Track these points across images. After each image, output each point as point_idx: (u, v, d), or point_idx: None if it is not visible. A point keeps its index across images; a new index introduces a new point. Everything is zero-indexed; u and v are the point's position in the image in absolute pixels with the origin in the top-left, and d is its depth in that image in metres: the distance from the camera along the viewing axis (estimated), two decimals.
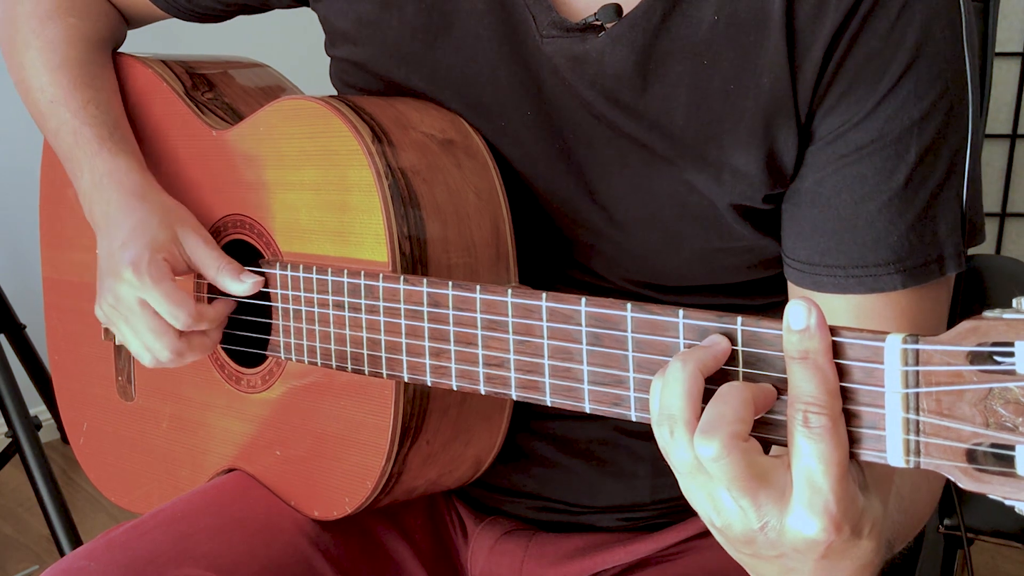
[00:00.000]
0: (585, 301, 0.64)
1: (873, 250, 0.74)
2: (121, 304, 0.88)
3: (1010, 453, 0.47)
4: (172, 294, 0.86)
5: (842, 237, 0.75)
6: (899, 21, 0.72)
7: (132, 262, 0.87)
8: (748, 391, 0.56)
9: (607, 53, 0.78)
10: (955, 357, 0.48)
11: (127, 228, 0.90)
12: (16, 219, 2.28)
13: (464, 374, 0.73)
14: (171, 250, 0.89)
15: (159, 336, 0.87)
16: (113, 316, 0.90)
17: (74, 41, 1.02)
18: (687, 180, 0.79)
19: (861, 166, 0.74)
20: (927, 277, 0.75)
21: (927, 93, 0.73)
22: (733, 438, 0.54)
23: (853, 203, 0.74)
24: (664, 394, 0.57)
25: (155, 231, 0.89)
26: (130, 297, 0.87)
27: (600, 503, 0.93)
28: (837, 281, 0.76)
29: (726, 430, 0.54)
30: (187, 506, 0.91)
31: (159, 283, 0.86)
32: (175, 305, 0.86)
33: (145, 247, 0.88)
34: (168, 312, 0.86)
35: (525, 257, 0.87)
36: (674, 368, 0.57)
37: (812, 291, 0.77)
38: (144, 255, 0.87)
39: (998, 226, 2.66)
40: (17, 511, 2.19)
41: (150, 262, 0.87)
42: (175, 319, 0.86)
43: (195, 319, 0.86)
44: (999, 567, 1.87)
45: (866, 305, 0.76)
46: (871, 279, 0.75)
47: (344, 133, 0.82)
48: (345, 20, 0.89)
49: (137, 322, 0.88)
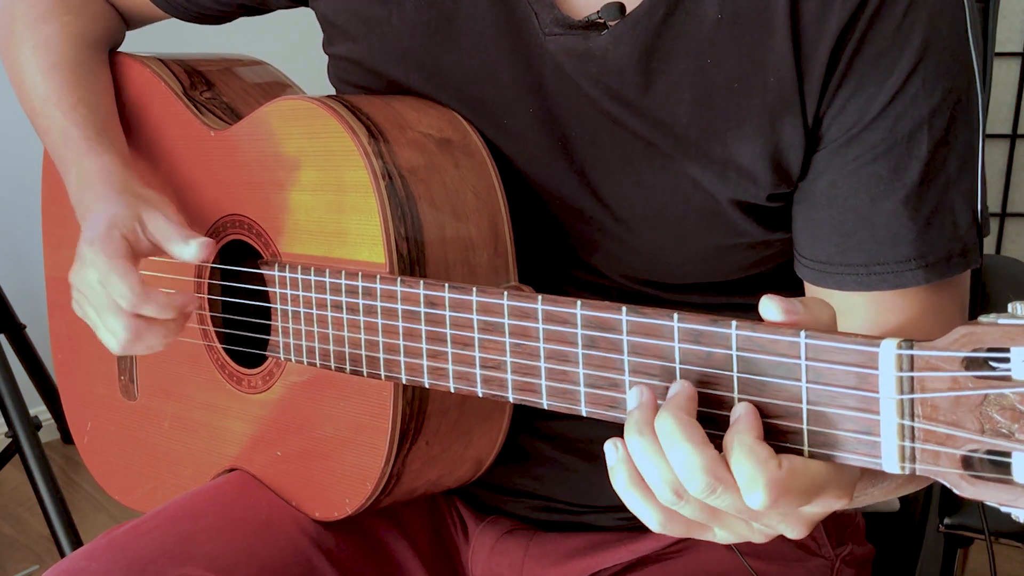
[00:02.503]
0: (580, 304, 0.64)
1: (893, 247, 0.75)
2: (84, 285, 0.87)
3: (1006, 460, 0.47)
4: (120, 270, 0.84)
5: (862, 236, 0.75)
6: (905, 20, 0.72)
7: (89, 239, 0.86)
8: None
9: (610, 51, 0.78)
10: (950, 363, 0.48)
11: (97, 215, 0.88)
12: (16, 219, 2.28)
13: (461, 376, 0.73)
14: (131, 227, 0.87)
15: (114, 313, 0.85)
16: (80, 300, 0.89)
17: (69, 40, 1.02)
18: (691, 177, 0.79)
19: (875, 165, 0.74)
20: (950, 271, 0.76)
21: (935, 89, 0.73)
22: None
23: (870, 201, 0.75)
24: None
25: (117, 211, 0.88)
26: (92, 277, 0.85)
27: (601, 502, 0.93)
28: (859, 279, 0.76)
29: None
30: (188, 506, 0.91)
31: (112, 259, 0.84)
32: (122, 283, 0.83)
33: (103, 224, 0.86)
34: (116, 290, 0.84)
35: (526, 256, 0.87)
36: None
37: (833, 290, 0.78)
38: (100, 231, 0.86)
39: (998, 226, 2.66)
40: (17, 511, 2.19)
41: (106, 238, 0.85)
42: (121, 297, 0.84)
43: (140, 299, 0.84)
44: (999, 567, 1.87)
45: (888, 301, 0.76)
46: (893, 276, 0.75)
47: (340, 133, 0.82)
48: (344, 17, 0.89)
49: (98, 302, 0.86)
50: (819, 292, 0.79)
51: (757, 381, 0.57)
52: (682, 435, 0.56)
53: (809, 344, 0.55)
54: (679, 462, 0.56)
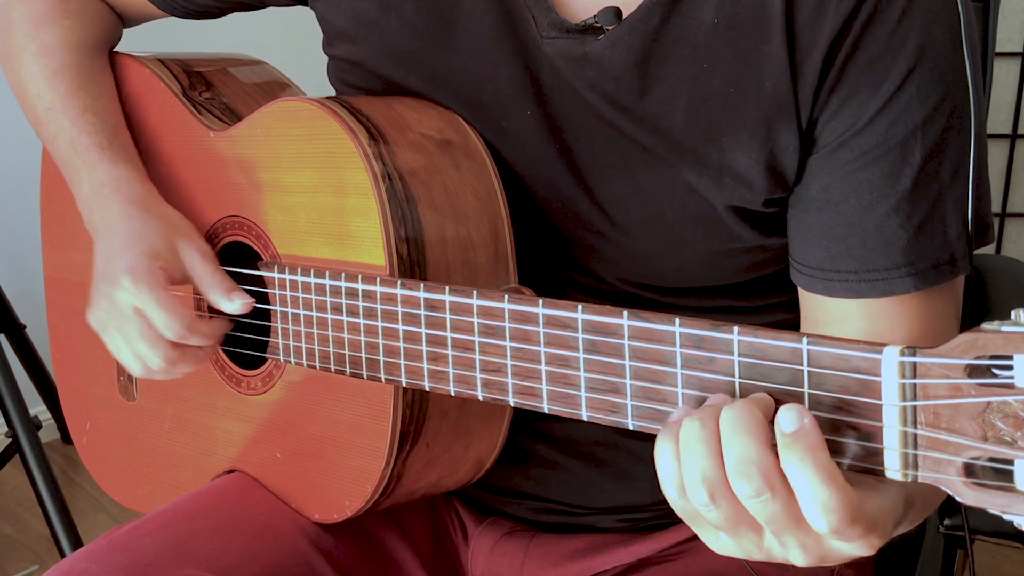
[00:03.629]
0: (581, 308, 0.64)
1: (884, 254, 0.75)
2: (116, 310, 0.88)
3: (1009, 467, 0.46)
4: (167, 303, 0.85)
5: (852, 242, 0.75)
6: (900, 26, 0.72)
7: (130, 269, 0.86)
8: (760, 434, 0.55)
9: (607, 56, 0.78)
10: (953, 370, 0.48)
11: (125, 235, 0.89)
12: (16, 219, 2.28)
13: (462, 379, 0.73)
14: (168, 259, 0.88)
15: (152, 345, 0.87)
16: (107, 322, 0.89)
17: (70, 45, 1.01)
18: (687, 182, 0.79)
19: (867, 171, 0.74)
20: (939, 279, 0.75)
21: (930, 96, 0.73)
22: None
23: (861, 208, 0.74)
24: (690, 460, 0.56)
25: (153, 240, 0.89)
26: (126, 304, 0.86)
27: (601, 504, 0.93)
28: (849, 285, 0.76)
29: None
30: (188, 507, 0.90)
31: (155, 291, 0.85)
32: (169, 315, 0.85)
33: (143, 254, 0.87)
34: (162, 321, 0.85)
35: (524, 258, 0.87)
36: (692, 435, 0.56)
37: (824, 296, 0.78)
38: (142, 262, 0.86)
39: (998, 226, 2.66)
40: (17, 511, 2.19)
41: (148, 270, 0.86)
42: (168, 329, 0.85)
43: (189, 331, 0.86)
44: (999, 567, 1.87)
45: (878, 308, 0.76)
46: (883, 283, 0.75)
47: (340, 135, 0.81)
48: (343, 18, 0.89)
49: (131, 330, 0.87)
50: (811, 298, 0.79)
51: (759, 387, 0.57)
52: (747, 428, 0.54)
53: (811, 350, 0.55)
54: (737, 455, 0.54)
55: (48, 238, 1.15)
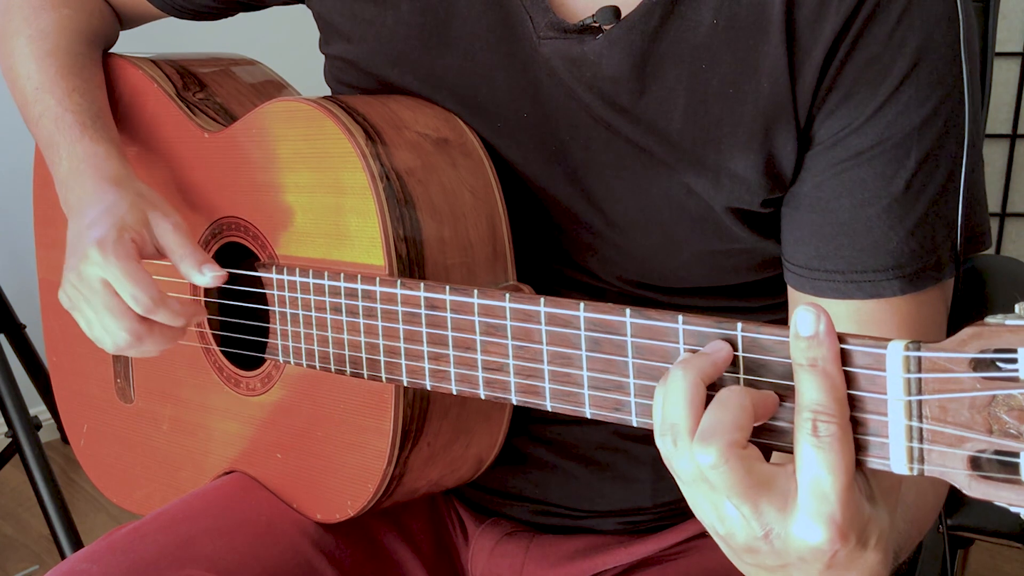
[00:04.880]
0: (584, 306, 0.64)
1: (872, 255, 0.74)
2: (83, 284, 0.85)
3: (1015, 460, 0.47)
4: (135, 274, 0.83)
5: (841, 242, 0.75)
6: (899, 26, 0.72)
7: (98, 240, 0.84)
8: (747, 397, 0.55)
9: (604, 56, 0.78)
10: (958, 364, 0.48)
11: (97, 210, 0.87)
12: (16, 219, 2.28)
13: (463, 378, 0.72)
14: (139, 232, 0.86)
15: (118, 317, 0.84)
16: (75, 297, 0.87)
17: (65, 31, 1.01)
18: (685, 183, 0.79)
19: (861, 171, 0.74)
20: (925, 283, 0.75)
21: (928, 99, 0.73)
22: (731, 446, 0.53)
23: (852, 208, 0.74)
24: (666, 403, 0.56)
25: (124, 213, 0.86)
26: (93, 276, 0.84)
27: (601, 507, 0.93)
28: (836, 286, 0.76)
29: (724, 438, 0.54)
30: (188, 508, 0.90)
31: (123, 261, 0.83)
32: (136, 285, 0.82)
33: (112, 226, 0.85)
34: (129, 292, 0.83)
35: (522, 256, 0.87)
36: (675, 377, 0.56)
37: (812, 296, 0.77)
38: (111, 234, 0.84)
39: (998, 226, 2.65)
40: (17, 511, 2.19)
41: (116, 241, 0.84)
42: (135, 300, 0.83)
43: (155, 303, 0.83)
44: (999, 567, 1.87)
45: (866, 310, 0.76)
46: (870, 284, 0.75)
47: (337, 135, 0.81)
48: (340, 17, 0.89)
49: (97, 302, 0.84)
50: (800, 299, 0.79)
51: (762, 383, 0.57)
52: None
53: None
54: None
55: (41, 240, 1.15)
